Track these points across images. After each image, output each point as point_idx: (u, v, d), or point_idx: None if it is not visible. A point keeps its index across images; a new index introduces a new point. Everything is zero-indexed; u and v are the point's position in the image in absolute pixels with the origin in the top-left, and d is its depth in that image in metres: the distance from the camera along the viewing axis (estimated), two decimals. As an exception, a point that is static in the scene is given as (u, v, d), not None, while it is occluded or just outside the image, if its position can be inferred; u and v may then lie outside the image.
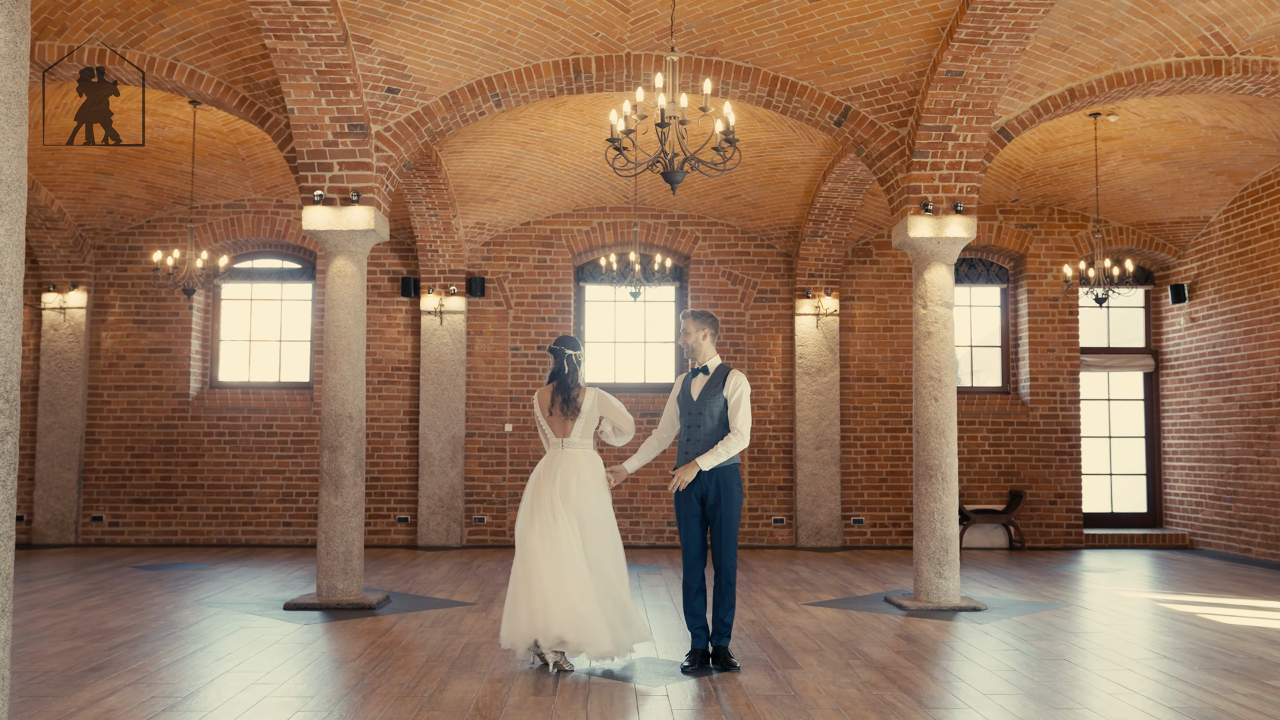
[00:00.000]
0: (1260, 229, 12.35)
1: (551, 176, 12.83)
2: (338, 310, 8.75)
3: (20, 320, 3.70)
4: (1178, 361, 14.00)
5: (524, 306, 13.80)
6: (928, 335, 8.86)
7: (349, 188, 8.65)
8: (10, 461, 3.62)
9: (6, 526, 3.59)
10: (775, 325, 13.91)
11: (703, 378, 6.45)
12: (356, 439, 8.73)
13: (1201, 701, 5.52)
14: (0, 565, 3.58)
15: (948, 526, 8.75)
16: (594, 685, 5.84)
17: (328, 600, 8.52)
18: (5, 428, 3.59)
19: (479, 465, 13.59)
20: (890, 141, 8.93)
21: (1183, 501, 13.91)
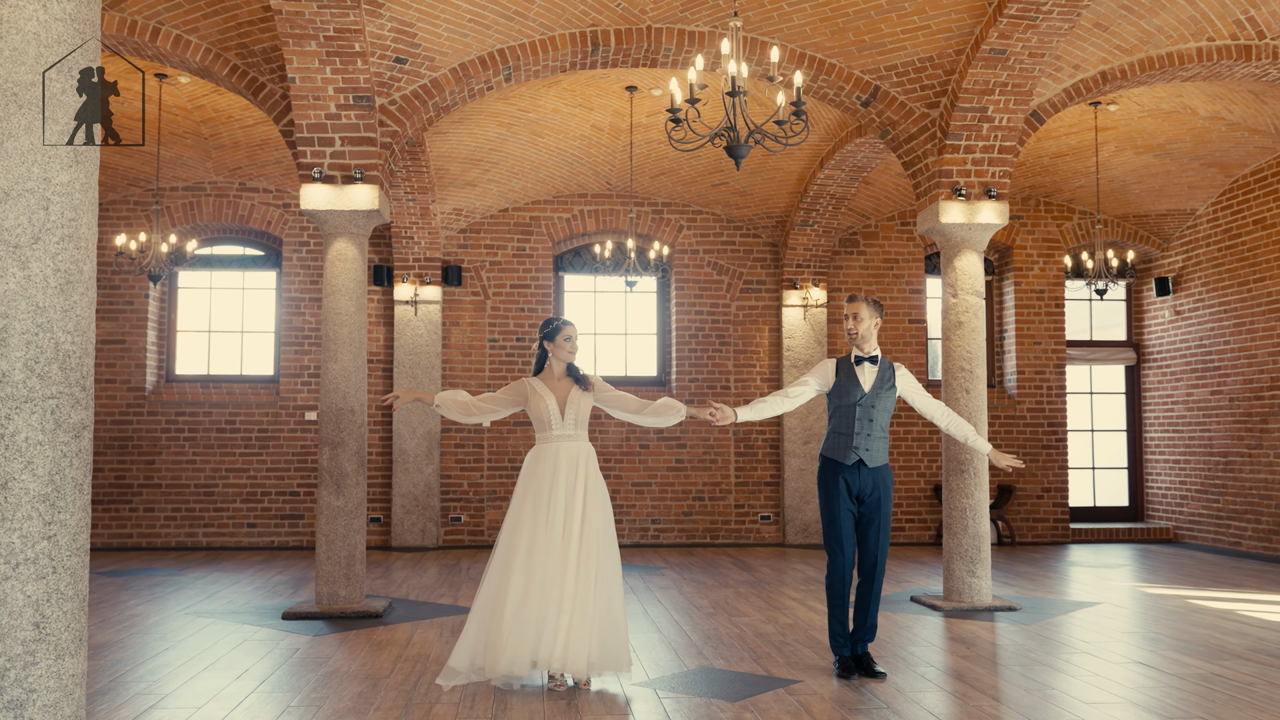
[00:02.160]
0: (1253, 221, 12.30)
1: (534, 161, 12.29)
2: (338, 296, 8.14)
3: (94, 294, 3.13)
4: (1161, 355, 13.94)
5: (502, 296, 13.23)
6: (958, 325, 8.54)
7: (351, 164, 8.04)
8: (87, 461, 3.04)
9: (83, 539, 3.02)
10: (762, 317, 13.54)
11: (871, 368, 6.05)
12: (359, 434, 8.13)
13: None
14: (76, 585, 3.01)
15: (980, 523, 8.44)
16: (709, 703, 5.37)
17: (329, 608, 7.91)
18: (81, 421, 3.01)
19: (455, 462, 13.00)
20: (921, 123, 8.58)
21: (1166, 495, 13.86)
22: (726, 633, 7.24)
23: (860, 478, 5.95)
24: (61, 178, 2.97)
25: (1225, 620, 7.75)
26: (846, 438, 5.97)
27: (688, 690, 5.58)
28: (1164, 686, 5.66)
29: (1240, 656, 6.44)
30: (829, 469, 6.00)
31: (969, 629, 7.45)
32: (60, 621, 2.92)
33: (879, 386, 6.00)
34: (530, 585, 5.55)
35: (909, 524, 13.47)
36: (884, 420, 6.01)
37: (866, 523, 5.99)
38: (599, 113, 11.19)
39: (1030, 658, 6.45)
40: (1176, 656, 6.46)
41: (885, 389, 6.02)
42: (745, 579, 10.02)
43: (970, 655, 6.52)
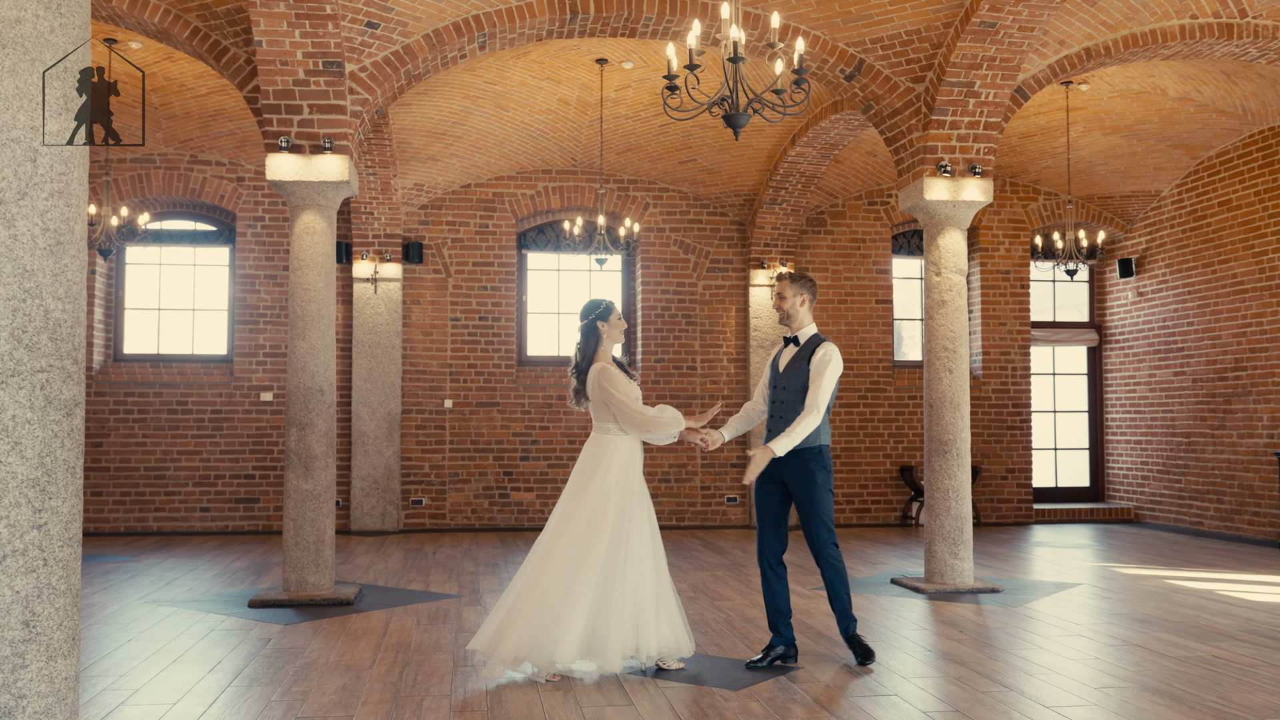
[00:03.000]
0: (1218, 203, 12.35)
1: (498, 136, 11.98)
2: (306, 271, 7.80)
3: (86, 257, 2.84)
4: (1124, 336, 13.99)
5: (464, 274, 12.91)
6: (942, 304, 8.41)
7: (320, 134, 7.69)
8: (79, 441, 2.76)
9: (76, 528, 2.74)
10: (729, 296, 13.36)
11: (792, 349, 5.80)
12: (328, 415, 7.82)
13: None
14: (69, 579, 2.73)
15: (962, 505, 8.34)
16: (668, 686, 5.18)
17: (298, 595, 7.61)
18: (74, 397, 2.73)
19: (416, 444, 12.69)
20: (906, 98, 8.42)
21: (1127, 476, 13.93)
22: (713, 618, 7.06)
23: (782, 462, 5.66)
24: (50, 126, 2.67)
25: (1209, 600, 7.72)
26: (768, 421, 5.79)
27: (686, 678, 5.38)
28: (1167, 669, 5.57)
29: (1234, 638, 6.39)
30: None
31: (957, 612, 7.34)
32: (52, 619, 2.64)
33: (792, 369, 5.73)
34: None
35: (875, 505, 13.41)
36: (799, 403, 5.64)
37: (800, 512, 5.72)
38: (567, 86, 10.91)
39: (1026, 641, 6.34)
40: (1170, 638, 6.39)
41: (799, 368, 5.70)
42: (719, 561, 9.85)
43: (965, 639, 6.40)
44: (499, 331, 12.91)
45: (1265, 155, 11.61)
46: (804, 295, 5.80)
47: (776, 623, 5.75)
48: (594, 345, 5.71)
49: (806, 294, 5.80)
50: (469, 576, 8.93)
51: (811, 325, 5.84)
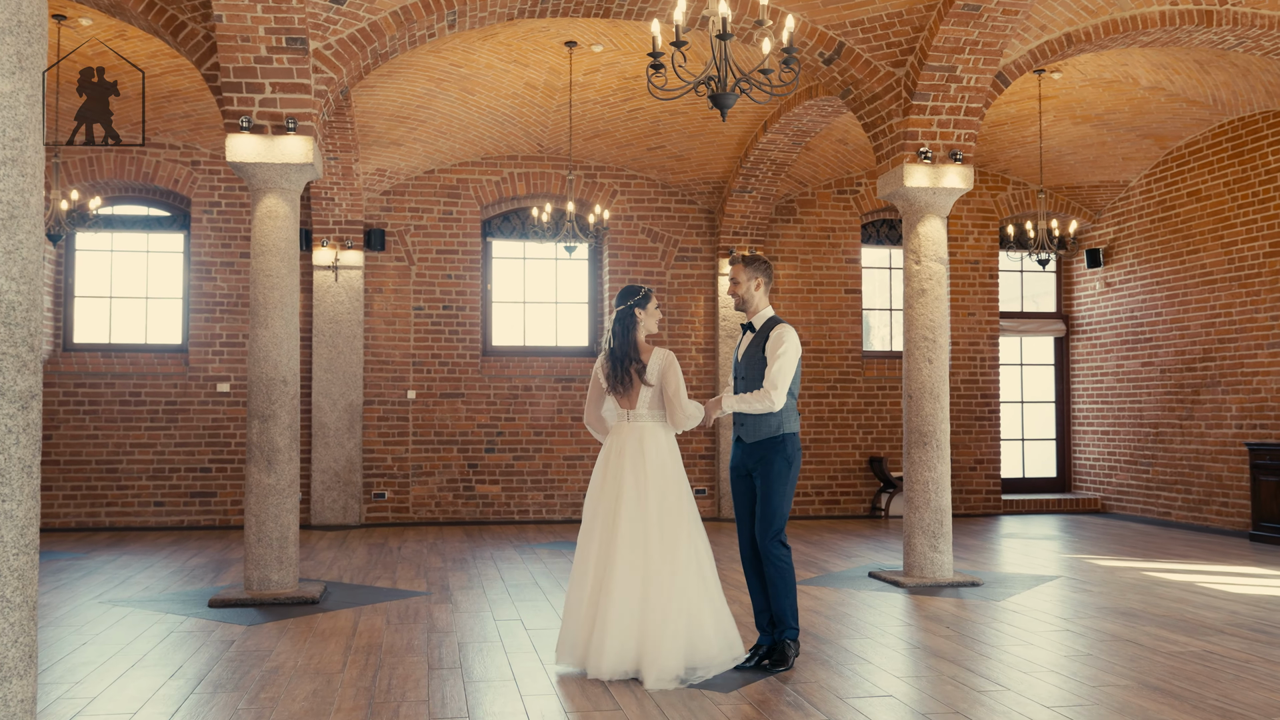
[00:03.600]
0: (1186, 193, 12.33)
1: (463, 120, 11.68)
2: (268, 257, 7.49)
3: (42, 233, 2.56)
4: (1091, 326, 13.97)
5: (428, 262, 12.61)
6: (921, 293, 8.26)
7: (283, 113, 7.38)
8: (36, 437, 2.49)
9: (33, 534, 2.47)
10: (697, 285, 13.17)
11: (749, 336, 5.58)
12: (291, 407, 7.52)
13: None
14: (25, 591, 2.47)
15: (942, 497, 8.20)
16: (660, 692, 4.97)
17: (260, 594, 7.32)
18: (29, 388, 2.46)
19: (379, 436, 12.38)
20: (886, 83, 8.25)
21: (1094, 466, 13.93)
22: (692, 615, 6.86)
23: (744, 451, 5.51)
24: (2, 87, 2.40)
25: (1190, 593, 7.65)
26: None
27: (672, 680, 5.18)
28: (1163, 666, 5.45)
29: (1222, 632, 6.30)
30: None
31: (940, 606, 7.20)
32: (7, 636, 2.38)
33: (750, 355, 5.52)
34: None
35: (844, 497, 13.29)
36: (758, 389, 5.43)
37: (756, 503, 5.52)
38: (535, 70, 10.64)
39: (1015, 637, 6.20)
40: (1159, 632, 6.28)
41: (756, 355, 5.48)
42: (692, 556, 9.66)
43: (954, 636, 6.26)
44: (463, 321, 12.63)
45: (1235, 146, 11.60)
46: (759, 279, 5.55)
47: (763, 621, 5.56)
48: (632, 332, 5.45)
49: (761, 277, 5.56)
50: (437, 573, 8.67)
51: (768, 309, 5.60)
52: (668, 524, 5.21)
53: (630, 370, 5.35)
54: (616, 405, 5.44)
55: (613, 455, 5.36)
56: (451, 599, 7.48)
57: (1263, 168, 11.24)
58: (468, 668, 5.46)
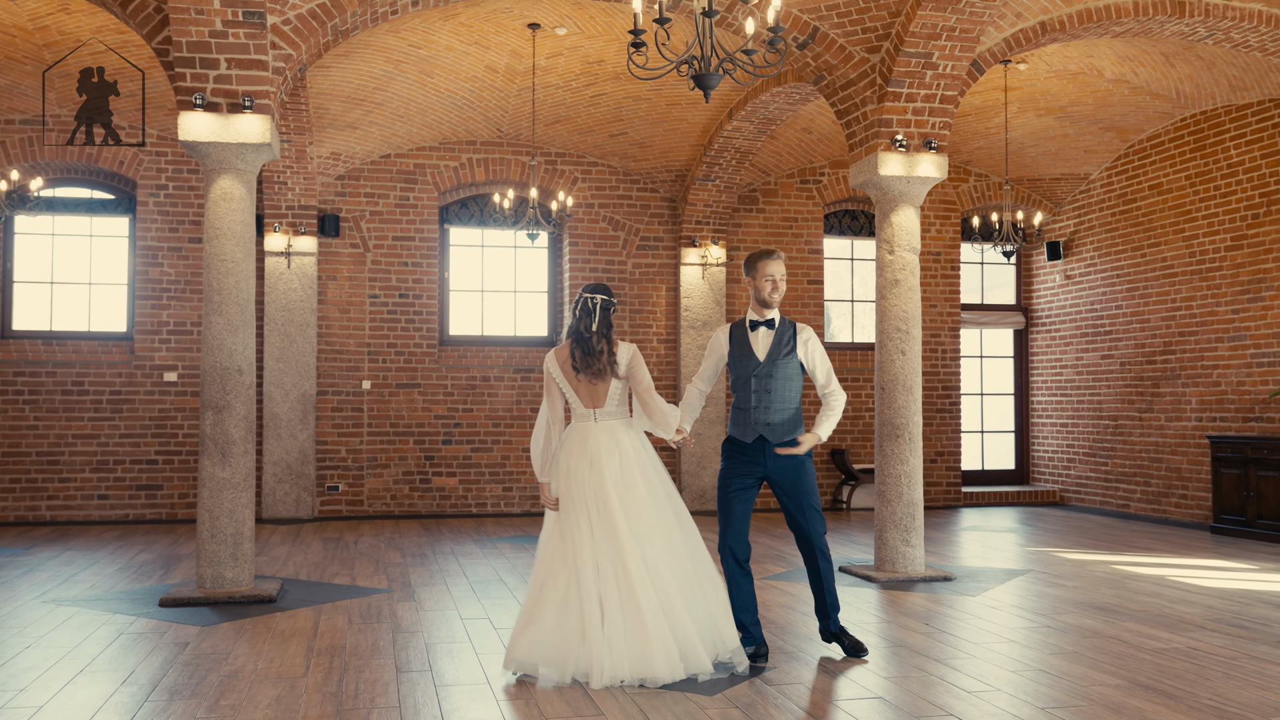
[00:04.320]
0: (1148, 186, 12.35)
1: (421, 103, 11.38)
2: (222, 241, 7.18)
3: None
4: (1050, 319, 13.98)
5: (384, 249, 12.28)
6: (894, 283, 8.13)
7: (239, 91, 7.06)
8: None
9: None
10: (659, 275, 12.97)
11: (767, 333, 5.42)
12: (247, 397, 7.22)
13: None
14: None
15: (914, 490, 8.09)
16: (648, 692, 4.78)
17: (214, 592, 7.02)
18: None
19: (333, 427, 12.05)
20: (861, 69, 8.10)
21: (1053, 458, 13.95)
22: (665, 612, 6.67)
23: (766, 458, 5.35)
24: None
25: (1163, 587, 7.60)
26: (745, 413, 5.37)
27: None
28: (1150, 664, 5.36)
29: (1203, 628, 6.24)
30: (729, 446, 5.45)
31: (916, 602, 7.08)
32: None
33: (775, 354, 5.39)
34: None
35: (806, 489, 13.16)
36: (786, 391, 5.36)
37: (790, 508, 5.41)
38: (496, 52, 10.37)
39: (998, 634, 6.09)
40: (1141, 628, 6.21)
41: (784, 355, 5.38)
42: (658, 550, 9.48)
43: (935, 633, 6.13)
44: (420, 310, 12.33)
45: (1197, 139, 11.62)
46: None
47: (746, 622, 5.40)
48: (610, 318, 5.24)
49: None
50: (397, 569, 8.41)
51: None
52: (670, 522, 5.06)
53: (603, 359, 5.09)
54: (580, 404, 5.17)
55: (589, 457, 5.07)
56: (415, 596, 7.23)
57: (1224, 161, 11.27)
58: (438, 670, 5.23)
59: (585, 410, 5.16)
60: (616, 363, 5.14)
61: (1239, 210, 11.08)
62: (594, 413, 5.15)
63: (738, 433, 5.41)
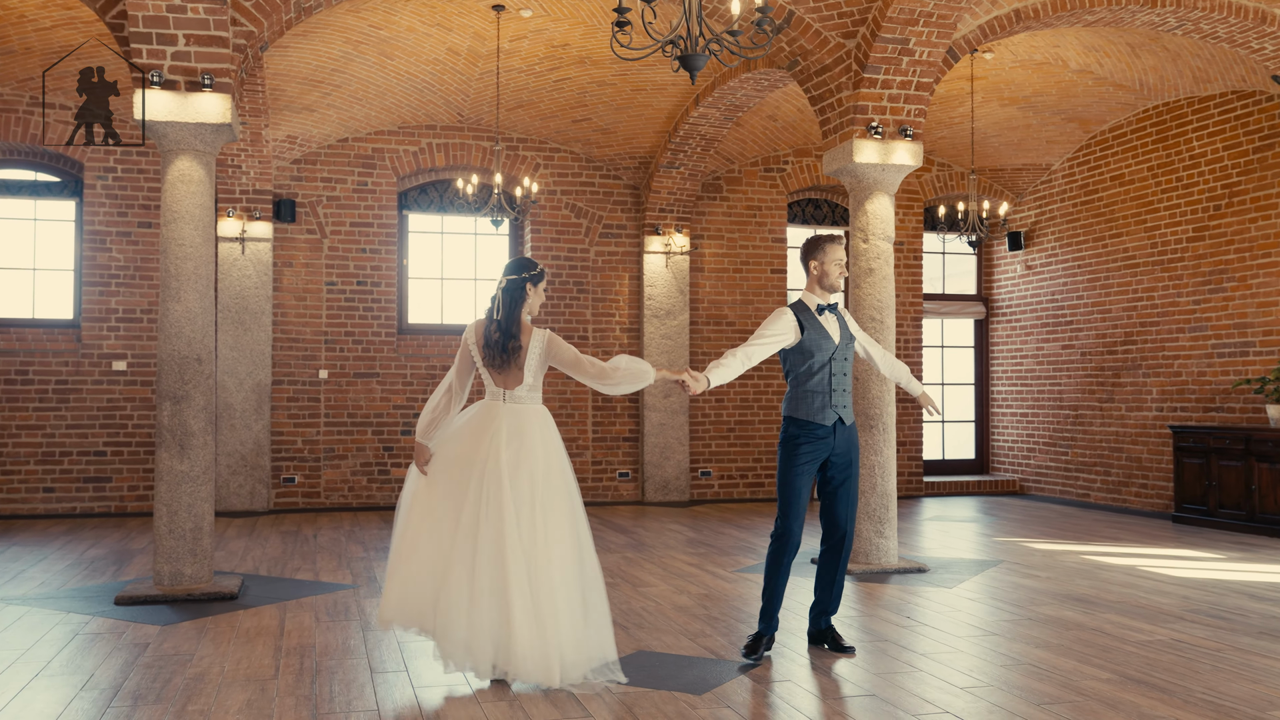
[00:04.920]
0: (1110, 177, 12.39)
1: (380, 86, 11.10)
2: (181, 225, 6.90)
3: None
4: (1011, 309, 14.02)
5: (341, 235, 11.99)
6: (869, 272, 8.04)
7: (198, 68, 6.79)
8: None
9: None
10: (622, 263, 12.81)
11: (832, 316, 5.42)
12: (206, 387, 6.96)
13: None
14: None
15: (888, 481, 8.02)
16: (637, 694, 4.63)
17: (173, 590, 6.76)
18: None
19: (288, 417, 11.76)
20: (836, 54, 7.98)
21: (1013, 448, 14.00)
22: (641, 607, 6.54)
23: (836, 439, 5.35)
24: None
25: (1136, 578, 7.60)
26: (824, 396, 5.30)
27: (639, 681, 4.84)
28: (1137, 656, 5.31)
29: (1183, 619, 6.22)
30: (801, 433, 5.31)
31: (894, 595, 7.00)
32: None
33: (845, 336, 5.44)
34: None
35: (768, 480, 13.11)
36: (852, 372, 5.46)
37: (836, 488, 5.40)
38: (458, 34, 10.13)
39: (980, 628, 6.02)
40: (1122, 620, 6.17)
41: (847, 338, 5.47)
42: (626, 542, 9.34)
43: (918, 627, 6.05)
44: (378, 297, 12.06)
45: (1159, 130, 11.67)
46: None
47: (776, 611, 5.37)
48: (518, 308, 5.00)
49: None
50: (361, 563, 8.18)
51: None
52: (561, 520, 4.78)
53: (509, 348, 4.87)
54: (491, 383, 4.95)
55: (490, 435, 4.81)
56: (380, 592, 7.01)
57: (1186, 153, 11.32)
58: (415, 672, 5.04)
59: (496, 389, 4.95)
60: (524, 365, 4.90)
61: (1201, 201, 11.15)
62: (504, 393, 4.93)
63: (814, 416, 5.26)
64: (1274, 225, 10.35)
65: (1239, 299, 10.68)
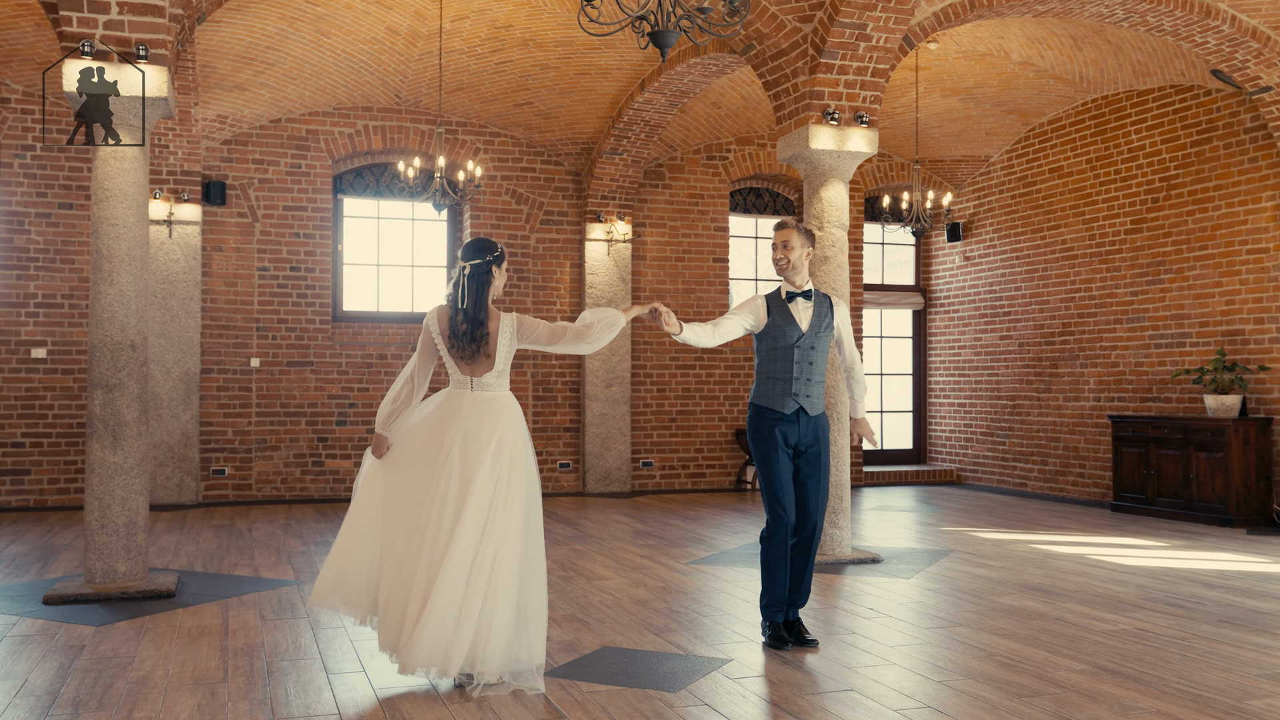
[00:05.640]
0: (1049, 169, 12.50)
1: (316, 65, 10.75)
2: (114, 203, 6.55)
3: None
4: (949, 300, 14.10)
5: (273, 219, 11.60)
6: (824, 260, 7.96)
7: (132, 39, 6.44)
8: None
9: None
10: (563, 251, 12.59)
11: (806, 304, 5.29)
12: (141, 375, 6.62)
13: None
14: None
15: (842, 472, 7.96)
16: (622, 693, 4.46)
17: (105, 588, 6.43)
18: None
19: (218, 407, 11.35)
20: (793, 39, 7.87)
21: (950, 438, 14.10)
22: (600, 601, 6.38)
23: (800, 429, 5.25)
24: None
25: (1089, 567, 7.63)
26: (784, 384, 5.22)
27: (610, 679, 4.68)
28: (1105, 646, 5.29)
29: (1142, 607, 6.23)
30: (764, 420, 5.27)
31: (854, 586, 6.93)
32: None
33: (817, 325, 5.30)
34: None
35: (710, 470, 13.02)
36: (823, 363, 5.33)
37: (805, 479, 5.29)
38: (398, 13, 9.83)
39: (944, 619, 5.96)
40: (1083, 609, 6.16)
41: (824, 328, 5.33)
42: (573, 534, 9.16)
43: (883, 619, 5.97)
44: (312, 284, 11.70)
45: (1098, 123, 11.79)
46: (809, 247, 5.35)
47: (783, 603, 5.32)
48: (485, 292, 4.79)
49: (811, 246, 5.38)
50: (301, 557, 7.89)
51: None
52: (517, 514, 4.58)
53: (478, 336, 4.66)
54: (457, 371, 4.73)
55: (458, 426, 4.61)
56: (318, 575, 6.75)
57: (1125, 146, 11.45)
58: (373, 673, 4.81)
59: (461, 377, 4.73)
60: (494, 352, 4.70)
61: (1139, 194, 11.28)
62: (470, 380, 4.72)
63: (775, 404, 5.22)
64: (1211, 218, 10.51)
65: (1176, 290, 10.83)
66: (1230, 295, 10.28)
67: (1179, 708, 4.27)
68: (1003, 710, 4.23)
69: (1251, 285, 10.09)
